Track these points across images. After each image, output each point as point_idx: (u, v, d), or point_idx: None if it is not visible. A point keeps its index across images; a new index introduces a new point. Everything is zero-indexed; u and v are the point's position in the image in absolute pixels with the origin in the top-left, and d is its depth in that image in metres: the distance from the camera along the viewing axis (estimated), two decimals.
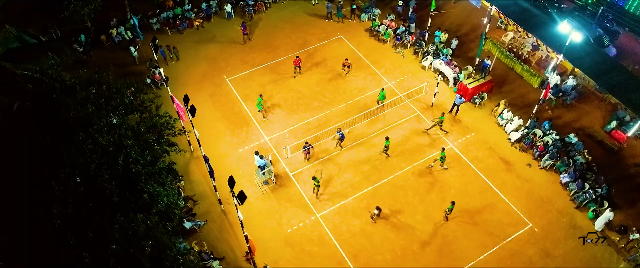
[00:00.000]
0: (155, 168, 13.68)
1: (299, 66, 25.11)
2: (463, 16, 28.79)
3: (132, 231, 13.08)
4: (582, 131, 22.44)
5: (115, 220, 12.81)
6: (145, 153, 13.60)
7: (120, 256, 13.04)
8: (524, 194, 20.21)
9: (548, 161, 20.87)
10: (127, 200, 12.86)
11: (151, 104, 15.25)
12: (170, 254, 13.99)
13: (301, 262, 18.16)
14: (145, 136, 14.12)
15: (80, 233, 12.22)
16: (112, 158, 12.45)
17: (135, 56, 26.06)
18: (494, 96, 24.33)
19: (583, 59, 22.63)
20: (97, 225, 12.50)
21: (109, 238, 12.68)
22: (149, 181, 13.25)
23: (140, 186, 12.92)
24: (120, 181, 12.82)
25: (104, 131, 12.44)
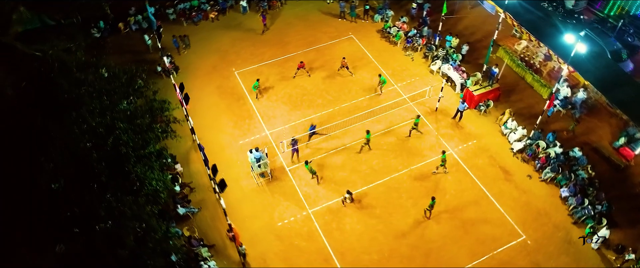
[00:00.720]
0: (145, 152, 14.10)
1: (303, 68, 25.14)
2: (478, 22, 28.43)
3: (119, 211, 13.54)
4: (589, 146, 21.87)
5: (103, 199, 13.30)
6: (137, 137, 14.05)
7: (106, 234, 13.53)
8: (521, 205, 19.87)
9: (549, 173, 20.44)
10: (115, 181, 13.32)
11: (146, 89, 15.66)
12: (154, 236, 14.39)
13: (288, 256, 18.37)
14: (139, 121, 14.55)
15: (68, 209, 12.76)
16: (101, 139, 12.92)
17: (149, 44, 26.78)
18: (501, 105, 23.96)
19: (595, 72, 22.10)
20: (85, 202, 13.00)
21: (96, 216, 13.17)
22: (137, 164, 13.68)
23: (128, 168, 13.36)
24: (110, 162, 13.30)
25: (95, 112, 12.92)
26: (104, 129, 12.95)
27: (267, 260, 18.27)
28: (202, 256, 17.98)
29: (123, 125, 13.94)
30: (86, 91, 12.97)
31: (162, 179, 15.19)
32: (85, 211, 13.03)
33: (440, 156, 20.36)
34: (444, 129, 22.92)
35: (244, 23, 29.15)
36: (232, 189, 20.54)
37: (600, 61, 23.47)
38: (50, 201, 12.36)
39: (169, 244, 14.77)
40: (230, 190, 20.53)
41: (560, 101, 23.01)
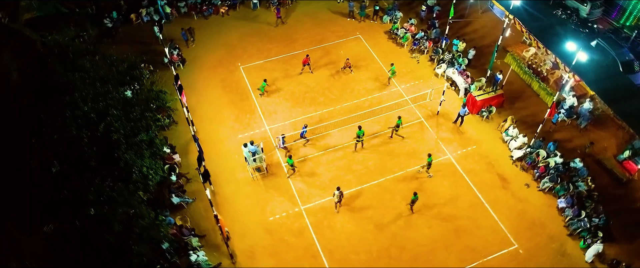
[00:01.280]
0: (136, 140, 14.41)
1: (307, 64, 25.21)
2: (489, 27, 28.07)
3: (107, 196, 13.89)
4: (592, 157, 21.41)
5: (92, 184, 13.66)
6: (130, 125, 14.38)
7: (94, 217, 13.89)
8: (516, 214, 19.58)
9: (547, 183, 20.09)
10: (105, 166, 13.68)
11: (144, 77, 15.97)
12: (142, 222, 14.70)
13: (277, 251, 18.52)
14: (134, 108, 14.88)
15: (57, 191, 13.17)
16: (93, 124, 13.29)
17: (159, 35, 27.20)
18: (504, 111, 23.65)
19: (604, 82, 21.71)
20: (75, 185, 13.38)
21: (84, 200, 13.54)
22: (128, 150, 14.00)
23: (118, 154, 13.69)
24: (100, 147, 13.67)
25: (88, 98, 13.27)
26: (95, 114, 13.29)
27: (255, 254, 18.45)
28: (191, 245, 18.26)
29: (116, 112, 14.27)
30: (80, 77, 13.32)
31: (153, 167, 15.47)
32: (75, 194, 13.41)
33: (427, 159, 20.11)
34: (444, 133, 22.74)
35: (253, 19, 29.43)
36: (228, 182, 20.82)
37: (610, 71, 23.00)
38: (40, 183, 12.77)
39: (157, 231, 15.03)
40: (225, 182, 20.84)
41: (566, 110, 22.58)
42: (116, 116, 14.14)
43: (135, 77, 15.68)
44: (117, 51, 23.73)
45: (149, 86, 17.15)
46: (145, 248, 14.54)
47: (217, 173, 21.06)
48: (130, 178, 14.26)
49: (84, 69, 13.84)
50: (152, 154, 15.51)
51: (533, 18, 25.03)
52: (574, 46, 22.04)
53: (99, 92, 13.78)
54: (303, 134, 21.62)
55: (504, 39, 25.01)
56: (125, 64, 15.55)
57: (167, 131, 22.75)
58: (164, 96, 16.41)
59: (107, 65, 14.81)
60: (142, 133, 14.63)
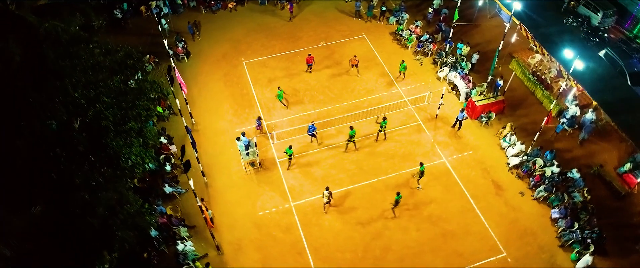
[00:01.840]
0: (125, 127, 14.72)
1: (311, 63, 25.19)
2: (495, 33, 27.62)
3: (95, 181, 14.21)
4: (591, 169, 20.96)
5: (81, 168, 13.99)
6: (120, 113, 14.69)
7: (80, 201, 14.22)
8: (507, 222, 19.32)
9: (542, 192, 19.76)
10: (93, 152, 14.01)
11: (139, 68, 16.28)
12: (128, 209, 14.98)
13: (263, 245, 18.67)
14: (126, 97, 15.19)
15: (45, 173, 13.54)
16: (83, 111, 13.62)
17: (166, 28, 27.70)
18: (504, 118, 23.33)
19: (609, 93, 21.17)
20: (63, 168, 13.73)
21: (72, 183, 13.87)
22: (116, 138, 14.31)
23: (105, 141, 14.01)
24: (90, 133, 14.00)
25: (79, 84, 13.61)
26: (85, 101, 13.62)
27: (242, 247, 18.63)
28: (180, 235, 18.56)
29: (108, 100, 14.59)
30: (71, 63, 13.67)
31: (143, 155, 15.76)
32: (62, 177, 13.75)
33: (419, 168, 19.89)
34: (441, 137, 22.56)
35: (260, 15, 29.64)
36: (221, 174, 21.07)
37: (616, 82, 22.45)
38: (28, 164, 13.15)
39: (142, 218, 15.29)
40: (219, 175, 21.10)
41: (568, 119, 22.14)
42: (107, 103, 14.44)
43: (130, 67, 15.95)
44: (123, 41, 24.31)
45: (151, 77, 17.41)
46: (129, 235, 14.78)
47: (211, 165, 21.35)
48: (118, 164, 14.54)
49: (76, 56, 14.17)
50: (143, 143, 15.75)
51: (541, 25, 24.54)
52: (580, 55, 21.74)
53: (90, 79, 14.09)
54: (313, 133, 21.59)
55: (510, 45, 24.91)
56: (121, 53, 15.85)
57: (166, 122, 23.23)
58: (158, 86, 16.67)
59: (101, 53, 15.12)
60: (131, 121, 14.91)
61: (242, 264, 18.15)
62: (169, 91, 18.66)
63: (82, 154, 13.97)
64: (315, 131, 21.54)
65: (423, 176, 19.95)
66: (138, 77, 23.80)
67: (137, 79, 17.24)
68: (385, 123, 21.51)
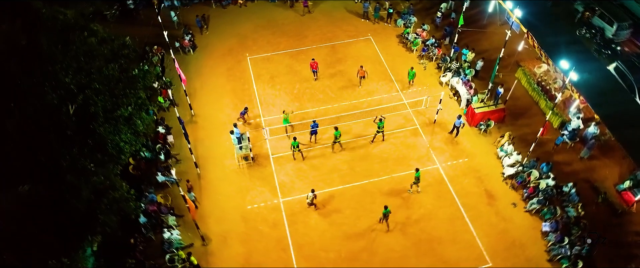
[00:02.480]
0: (114, 114, 15.08)
1: (315, 69, 24.82)
2: (504, 40, 27.15)
3: (82, 165, 14.61)
4: (590, 184, 20.45)
5: (69, 151, 14.39)
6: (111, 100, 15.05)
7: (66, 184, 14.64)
8: (496, 232, 19.00)
9: (534, 205, 19.37)
10: (80, 136, 14.41)
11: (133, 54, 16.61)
12: (112, 194, 15.35)
13: (248, 239, 18.84)
14: (118, 85, 15.56)
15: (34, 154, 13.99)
16: (72, 96, 14.02)
17: (175, 20, 28.18)
18: (505, 127, 22.93)
19: (614, 107, 20.46)
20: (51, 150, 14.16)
21: (59, 166, 14.29)
22: (104, 124, 14.67)
23: (93, 126, 14.38)
24: (79, 117, 14.41)
25: (70, 70, 13.99)
26: (75, 86, 14.01)
27: (227, 239, 18.85)
28: (167, 223, 18.89)
29: (99, 86, 14.97)
30: (63, 49, 14.06)
31: (133, 142, 16.11)
32: (50, 159, 14.19)
33: (414, 174, 19.64)
34: (437, 142, 22.32)
35: (269, 12, 29.84)
36: (215, 167, 21.35)
37: (623, 96, 21.70)
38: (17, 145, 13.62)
39: (127, 204, 15.63)
40: (212, 167, 21.38)
41: (569, 132, 21.63)
42: (98, 90, 14.81)
43: (124, 56, 16.31)
44: (133, 31, 24.88)
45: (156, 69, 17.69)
46: (112, 220, 15.14)
47: (206, 157, 21.66)
48: (105, 150, 14.90)
49: (70, 42, 14.56)
50: (134, 132, 16.09)
51: (551, 34, 23.97)
52: (588, 67, 21.18)
53: (82, 66, 14.46)
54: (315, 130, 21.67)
55: (517, 53, 24.50)
56: (116, 42, 16.23)
57: (166, 113, 23.66)
58: (151, 76, 17.00)
59: (97, 42, 15.51)
60: (121, 108, 15.25)
61: (226, 257, 18.36)
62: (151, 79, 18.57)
63: (70, 138, 14.35)
64: (317, 128, 21.60)
65: (419, 181, 19.73)
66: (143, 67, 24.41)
67: (141, 68, 17.58)
68: (383, 123, 21.39)
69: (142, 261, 17.57)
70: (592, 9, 27.99)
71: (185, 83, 21.99)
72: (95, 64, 15.13)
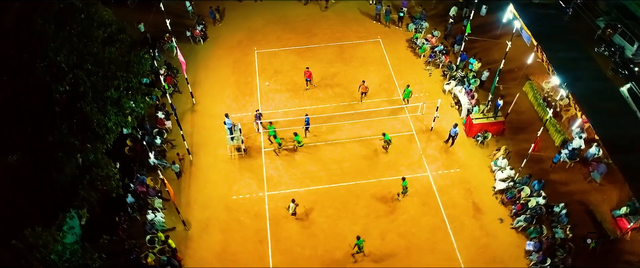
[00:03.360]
0: (103, 95, 15.68)
1: (309, 79, 24.32)
2: (516, 52, 26.41)
3: (68, 141, 15.28)
4: (585, 206, 19.73)
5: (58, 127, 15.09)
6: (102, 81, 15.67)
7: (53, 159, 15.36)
8: (478, 246, 18.61)
9: (521, 222, 18.85)
10: (68, 114, 15.08)
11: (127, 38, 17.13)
12: (96, 171, 15.98)
13: (229, 228, 19.20)
14: (111, 67, 16.15)
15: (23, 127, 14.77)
16: (62, 74, 14.68)
17: (190, 10, 28.89)
18: (504, 140, 22.37)
19: (616, 128, 19.60)
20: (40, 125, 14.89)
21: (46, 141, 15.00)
22: (92, 104, 15.29)
23: (80, 105, 15.02)
24: (69, 96, 15.08)
25: (63, 50, 14.64)
26: (67, 66, 14.67)
27: (209, 226, 19.26)
28: (153, 206, 19.49)
29: (91, 67, 15.60)
30: (56, 29, 14.71)
31: (122, 124, 16.69)
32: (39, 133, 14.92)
33: (401, 183, 19.47)
34: (431, 150, 22.03)
35: (283, 8, 30.09)
36: (207, 155, 21.84)
37: (630, 119, 20.75)
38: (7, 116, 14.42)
39: (109, 183, 16.22)
40: (205, 155, 21.88)
41: (569, 151, 20.90)
42: (91, 71, 15.43)
43: (121, 41, 16.90)
44: (148, 19, 25.72)
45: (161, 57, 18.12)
46: (93, 196, 15.76)
47: (200, 145, 22.20)
48: (92, 129, 15.51)
49: (66, 23, 15.21)
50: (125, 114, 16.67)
51: (565, 49, 23.12)
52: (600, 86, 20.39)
53: (75, 47, 15.11)
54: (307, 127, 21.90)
55: (527, 66, 23.82)
56: (113, 27, 16.84)
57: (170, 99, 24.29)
58: (146, 61, 17.54)
59: (95, 25, 16.14)
60: (111, 90, 15.84)
61: (204, 243, 18.77)
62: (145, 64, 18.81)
63: (59, 114, 15.03)
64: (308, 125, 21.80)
65: (407, 191, 19.52)
66: (154, 53, 25.12)
67: (139, 54, 18.15)
68: (388, 137, 20.99)
69: (123, 239, 18.19)
70: (614, 26, 26.91)
71: (185, 71, 22.54)
72: (91, 46, 15.72)
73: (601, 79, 21.41)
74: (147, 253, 17.51)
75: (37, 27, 14.40)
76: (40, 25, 14.44)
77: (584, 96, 20.24)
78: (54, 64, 14.62)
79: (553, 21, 24.26)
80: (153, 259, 17.51)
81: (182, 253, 18.34)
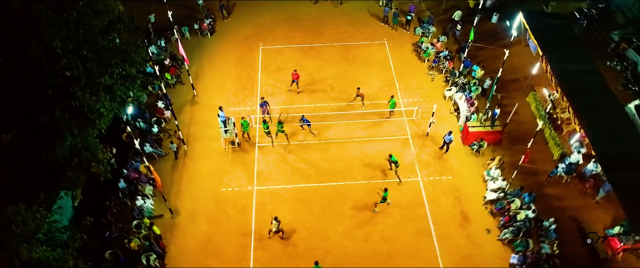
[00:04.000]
0: (96, 81, 16.16)
1: (296, 80, 24.07)
2: (522, 62, 25.93)
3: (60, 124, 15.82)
4: (577, 223, 19.22)
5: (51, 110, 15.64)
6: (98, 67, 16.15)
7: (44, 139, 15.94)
8: (461, 256, 18.35)
9: (508, 234, 18.50)
10: (61, 98, 15.61)
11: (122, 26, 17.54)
12: (85, 154, 16.51)
13: (214, 219, 19.48)
14: (107, 54, 16.63)
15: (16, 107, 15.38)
16: (57, 58, 15.19)
17: (200, 3, 29.37)
18: (501, 150, 21.96)
19: (616, 146, 18.98)
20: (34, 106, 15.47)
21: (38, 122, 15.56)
22: (85, 89, 15.77)
23: (73, 89, 15.52)
24: (63, 80, 15.61)
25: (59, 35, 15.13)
26: (61, 51, 15.17)
27: (196, 216, 19.59)
28: (144, 192, 19.95)
29: (87, 53, 16.09)
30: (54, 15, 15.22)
31: (115, 110, 17.16)
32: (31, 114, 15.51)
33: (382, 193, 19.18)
34: (425, 155, 21.82)
35: (292, 6, 30.25)
36: (201, 146, 22.21)
37: (631, 135, 20.03)
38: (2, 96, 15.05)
39: (97, 167, 16.72)
40: (199, 146, 22.26)
41: (567, 165, 20.38)
42: (86, 57, 15.92)
43: (116, 30, 17.37)
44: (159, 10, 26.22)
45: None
46: (80, 178, 16.29)
47: (196, 136, 22.60)
48: (83, 113, 16.01)
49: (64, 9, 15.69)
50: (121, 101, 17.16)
51: (572, 61, 22.52)
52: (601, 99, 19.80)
53: (71, 33, 15.61)
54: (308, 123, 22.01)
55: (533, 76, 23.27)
56: (111, 15, 17.30)
57: (172, 90, 24.84)
58: (143, 51, 17.97)
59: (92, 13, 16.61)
60: (105, 77, 16.31)
61: (190, 232, 19.12)
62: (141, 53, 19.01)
63: (51, 97, 15.57)
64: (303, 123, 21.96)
65: (386, 201, 19.36)
66: (161, 44, 25.64)
67: (135, 43, 18.62)
68: (395, 158, 20.25)
69: (112, 222, 18.68)
70: (629, 41, 26.04)
71: (187, 63, 22.97)
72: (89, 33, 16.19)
73: (606, 93, 20.73)
74: (132, 238, 17.95)
75: (34, 12, 14.92)
76: (38, 10, 14.94)
77: (585, 110, 19.72)
78: (49, 48, 15.12)
79: (562, 31, 23.63)
80: (137, 244, 17.93)
81: (166, 241, 18.71)
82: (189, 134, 22.50)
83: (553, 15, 26.26)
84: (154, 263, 17.56)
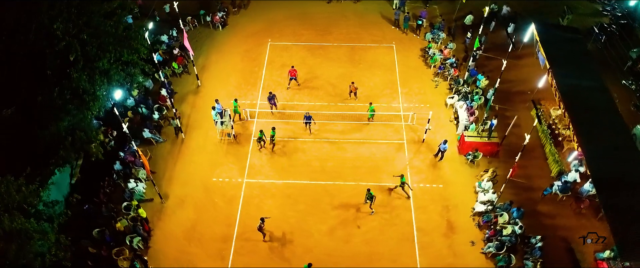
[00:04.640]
0: (94, 64, 16.77)
1: (294, 77, 24.29)
2: (530, 73, 25.28)
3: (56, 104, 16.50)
4: (567, 244, 18.67)
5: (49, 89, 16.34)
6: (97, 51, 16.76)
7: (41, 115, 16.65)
8: (441, 265, 18.11)
9: (491, 248, 18.14)
10: (58, 79, 16.28)
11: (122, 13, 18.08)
12: (79, 134, 17.16)
13: (202, 207, 19.88)
14: (107, 40, 17.23)
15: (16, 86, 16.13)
16: (57, 41, 15.85)
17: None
18: (498, 162, 21.52)
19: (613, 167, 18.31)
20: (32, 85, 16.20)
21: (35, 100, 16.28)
22: (81, 72, 16.40)
23: (70, 71, 16.16)
24: (62, 61, 16.28)
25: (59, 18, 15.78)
26: (61, 33, 15.82)
27: (184, 203, 20.04)
28: (137, 176, 20.54)
29: (87, 38, 16.72)
30: None
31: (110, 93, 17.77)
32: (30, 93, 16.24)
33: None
34: (418, 161, 21.61)
35: (306, 4, 30.39)
36: (198, 136, 22.68)
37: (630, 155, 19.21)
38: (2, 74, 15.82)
39: (89, 147, 17.36)
40: (196, 135, 22.74)
41: (562, 183, 19.81)
42: (85, 41, 16.54)
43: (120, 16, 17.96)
44: None
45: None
46: (70, 156, 16.93)
47: (194, 125, 23.09)
48: (79, 95, 16.66)
49: None
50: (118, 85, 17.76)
51: (580, 76, 21.79)
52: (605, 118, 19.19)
53: (72, 18, 16.24)
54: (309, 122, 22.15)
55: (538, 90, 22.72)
56: (115, 3, 17.89)
57: (178, 78, 25.44)
58: (143, 37, 18.53)
59: None
60: (101, 61, 16.90)
61: (177, 218, 19.57)
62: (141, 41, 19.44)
63: (49, 78, 16.26)
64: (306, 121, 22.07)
65: (372, 201, 19.30)
66: (172, 33, 26.27)
67: (136, 30, 19.17)
68: (404, 179, 19.88)
69: (103, 202, 19.32)
70: None
71: (192, 54, 23.47)
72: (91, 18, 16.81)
73: (611, 112, 20.06)
74: (120, 219, 18.52)
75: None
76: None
77: (585, 128, 19.16)
78: (49, 30, 15.77)
79: (573, 46, 23.00)
80: (124, 225, 18.50)
81: (153, 224, 19.22)
82: (188, 123, 23.02)
83: (567, 28, 25.45)
84: (138, 245, 18.08)
